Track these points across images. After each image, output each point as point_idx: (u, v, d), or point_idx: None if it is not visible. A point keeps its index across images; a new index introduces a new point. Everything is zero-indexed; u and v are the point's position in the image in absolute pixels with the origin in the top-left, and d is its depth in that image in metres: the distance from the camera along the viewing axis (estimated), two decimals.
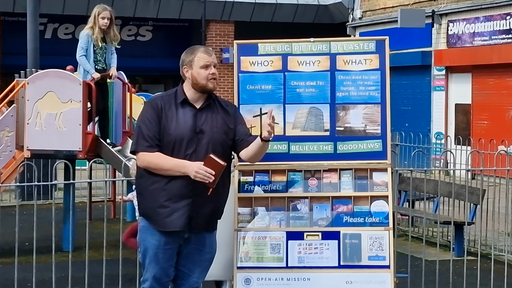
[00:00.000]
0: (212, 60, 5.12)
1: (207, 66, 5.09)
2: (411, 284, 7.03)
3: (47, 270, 7.17)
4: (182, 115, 5.06)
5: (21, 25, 16.60)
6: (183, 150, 4.99)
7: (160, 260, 5.10)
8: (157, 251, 5.09)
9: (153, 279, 5.15)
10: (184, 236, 5.10)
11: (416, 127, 20.01)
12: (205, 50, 5.15)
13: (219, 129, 5.09)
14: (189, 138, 5.01)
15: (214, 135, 5.05)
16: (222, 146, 5.09)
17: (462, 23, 20.38)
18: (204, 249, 5.18)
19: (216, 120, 5.11)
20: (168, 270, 5.15)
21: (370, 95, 5.99)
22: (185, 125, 5.03)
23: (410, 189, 8.76)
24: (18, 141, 9.82)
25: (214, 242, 5.27)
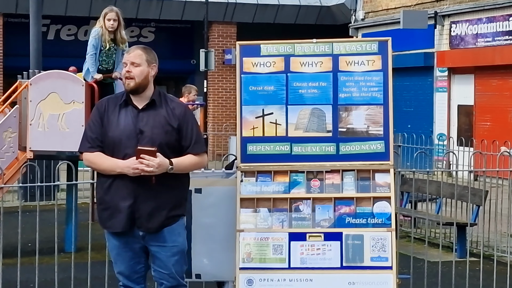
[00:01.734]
0: (128, 59, 5.13)
1: (125, 65, 5.15)
2: (413, 285, 7.02)
3: (50, 271, 7.18)
4: (124, 116, 5.12)
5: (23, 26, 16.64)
6: (122, 150, 5.05)
7: (125, 259, 5.19)
8: (118, 251, 5.19)
9: (123, 277, 5.24)
10: (139, 234, 5.12)
11: (419, 128, 20.01)
12: (128, 50, 5.24)
13: (160, 129, 5.09)
14: (129, 139, 5.05)
15: (154, 136, 5.06)
16: (162, 146, 5.05)
17: (464, 24, 20.37)
18: (167, 244, 5.15)
19: (158, 120, 5.11)
20: (135, 267, 5.21)
21: (372, 96, 5.99)
22: (125, 127, 5.09)
23: (413, 190, 8.76)
24: (21, 142, 9.83)
25: (178, 235, 5.18)
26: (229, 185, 5.96)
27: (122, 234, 5.14)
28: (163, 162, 4.97)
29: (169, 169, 4.99)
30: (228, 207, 5.88)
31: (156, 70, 5.23)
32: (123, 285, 5.27)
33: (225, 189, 5.95)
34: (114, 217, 5.10)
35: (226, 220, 5.87)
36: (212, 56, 24.54)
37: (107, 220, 5.14)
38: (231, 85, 26.18)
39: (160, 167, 4.96)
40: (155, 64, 5.20)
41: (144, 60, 5.13)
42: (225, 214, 5.89)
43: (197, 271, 5.93)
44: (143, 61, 5.13)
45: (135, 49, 5.19)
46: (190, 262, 5.88)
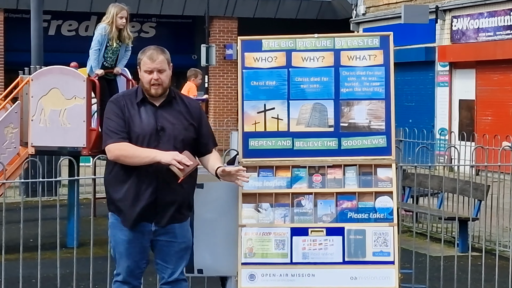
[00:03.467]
0: (155, 66, 5.10)
1: (150, 72, 5.11)
2: (416, 280, 7.03)
3: (52, 266, 7.18)
4: (144, 113, 5.14)
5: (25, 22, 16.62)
6: (145, 147, 5.06)
7: (131, 254, 5.19)
8: (127, 246, 5.18)
9: (126, 272, 5.23)
10: (151, 229, 5.15)
11: (420, 123, 20.00)
12: (150, 55, 5.13)
13: (180, 125, 5.13)
14: (151, 135, 5.09)
15: (175, 132, 5.10)
16: (183, 142, 5.11)
17: (466, 19, 20.36)
18: (176, 239, 5.20)
19: (177, 116, 5.15)
20: (139, 262, 5.23)
21: (374, 91, 5.98)
22: (148, 123, 5.11)
23: (415, 185, 8.76)
24: (22, 138, 9.83)
25: (187, 231, 5.27)
26: None
27: (138, 228, 5.14)
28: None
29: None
30: (230, 202, 5.88)
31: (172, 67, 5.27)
32: (122, 281, 5.25)
33: (227, 184, 5.93)
34: (132, 210, 5.10)
35: (228, 215, 5.87)
36: (213, 51, 24.54)
37: (124, 213, 5.13)
38: (232, 80, 26.19)
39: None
40: (171, 63, 5.24)
41: (166, 64, 5.17)
42: (227, 209, 5.89)
43: (199, 266, 5.92)
44: (166, 65, 5.16)
45: (158, 55, 5.13)
46: (192, 257, 5.88)
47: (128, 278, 5.25)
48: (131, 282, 5.26)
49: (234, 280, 5.87)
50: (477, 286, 7.33)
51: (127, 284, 5.25)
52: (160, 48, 5.23)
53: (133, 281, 5.27)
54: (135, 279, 5.27)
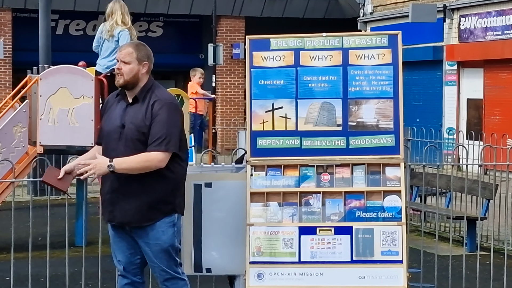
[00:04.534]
0: (119, 56, 5.22)
1: (117, 61, 5.24)
2: (424, 279, 7.02)
3: (60, 265, 7.20)
4: (117, 109, 5.26)
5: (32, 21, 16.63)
6: (108, 143, 5.22)
7: (120, 249, 5.33)
8: (114, 240, 5.37)
9: (121, 267, 5.35)
10: (126, 228, 5.25)
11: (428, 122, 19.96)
12: (122, 46, 5.37)
13: (133, 124, 5.14)
14: (115, 132, 5.18)
15: (127, 131, 5.13)
16: (134, 142, 5.12)
17: (474, 18, 20.31)
18: (149, 241, 5.21)
19: (137, 116, 5.16)
20: (131, 258, 5.31)
21: (382, 90, 5.97)
22: (114, 120, 5.22)
23: (423, 184, 8.75)
24: (31, 137, 9.85)
25: (162, 233, 5.19)
26: (239, 179, 5.96)
27: (114, 226, 5.30)
28: (99, 162, 5.07)
29: (108, 167, 5.05)
30: (238, 201, 5.89)
31: (149, 67, 5.23)
32: (121, 275, 5.37)
33: (235, 183, 5.96)
34: (103, 208, 5.34)
35: (236, 214, 5.87)
36: (220, 51, 24.53)
37: (102, 209, 5.38)
38: (239, 79, 26.19)
39: (97, 167, 5.05)
40: (146, 61, 5.22)
41: (134, 58, 5.18)
42: (235, 208, 5.89)
43: (207, 265, 5.94)
44: (133, 59, 5.18)
45: (126, 47, 5.26)
46: (201, 256, 5.89)
47: (125, 273, 5.34)
48: (129, 277, 5.34)
49: (242, 279, 5.87)
50: (486, 285, 7.31)
51: (126, 278, 5.35)
52: (136, 43, 5.39)
53: (131, 277, 5.33)
54: (132, 275, 5.33)
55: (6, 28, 25.09)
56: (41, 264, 7.13)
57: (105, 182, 5.26)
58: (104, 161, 5.05)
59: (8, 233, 6.76)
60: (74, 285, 7.26)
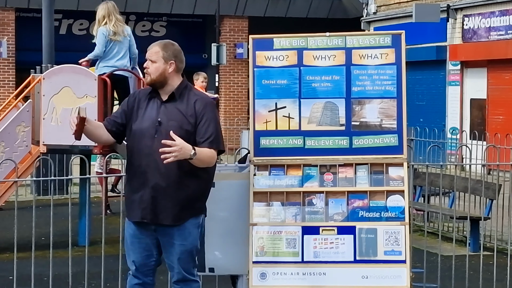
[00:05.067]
0: (147, 55, 5.24)
1: (146, 59, 5.25)
2: (427, 279, 7.01)
3: (64, 265, 7.20)
4: (150, 107, 5.23)
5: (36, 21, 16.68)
6: (142, 140, 5.15)
7: (136, 249, 5.26)
8: (132, 240, 5.27)
9: (133, 267, 5.30)
10: (151, 228, 5.19)
11: (431, 122, 19.95)
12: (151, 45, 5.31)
13: (175, 122, 5.13)
14: (149, 129, 5.15)
15: (169, 128, 5.09)
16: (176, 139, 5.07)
17: (477, 18, 20.29)
18: (175, 241, 5.20)
19: (176, 113, 5.16)
20: (146, 259, 5.27)
21: (386, 90, 5.97)
22: (148, 117, 5.20)
23: (426, 184, 8.74)
24: (34, 136, 9.86)
25: (188, 234, 5.19)
26: (242, 179, 5.96)
27: (137, 224, 5.22)
28: (184, 146, 4.95)
29: (192, 154, 4.97)
30: (241, 201, 5.89)
31: (176, 65, 5.24)
32: (133, 275, 5.32)
33: (238, 183, 5.95)
34: (132, 206, 5.21)
35: (239, 214, 5.87)
36: (223, 50, 24.53)
37: (128, 208, 5.27)
38: (242, 79, 26.18)
39: (182, 150, 4.94)
40: (173, 60, 5.22)
41: (160, 57, 5.19)
42: (238, 208, 5.89)
43: (210, 265, 5.93)
44: (159, 58, 5.19)
45: (153, 46, 5.27)
46: (204, 256, 5.89)
47: (137, 273, 5.30)
48: (140, 278, 5.30)
49: (245, 279, 5.87)
50: (489, 285, 7.30)
51: (137, 278, 5.31)
52: (164, 42, 5.32)
53: (143, 277, 5.29)
54: (144, 276, 5.30)
55: (9, 28, 25.11)
56: (44, 264, 7.13)
57: (134, 180, 5.17)
58: (188, 147, 4.97)
59: (11, 233, 6.77)
60: (77, 285, 7.26)
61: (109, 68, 9.86)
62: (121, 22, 10.02)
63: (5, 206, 11.04)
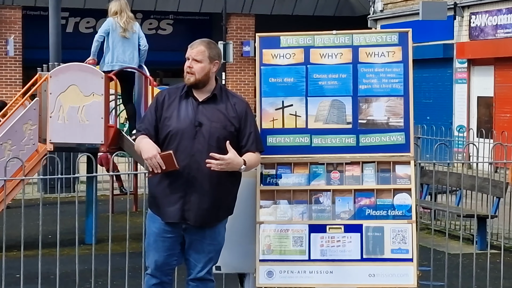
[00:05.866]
0: (190, 54, 5.16)
1: (187, 59, 5.18)
2: (434, 277, 7.00)
3: (70, 263, 7.21)
4: (184, 107, 5.16)
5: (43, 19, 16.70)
6: (179, 141, 5.08)
7: (160, 248, 5.21)
8: (156, 238, 5.21)
9: (154, 266, 5.24)
10: (182, 226, 5.17)
11: (438, 120, 19.92)
12: (191, 44, 5.23)
13: (218, 123, 5.12)
14: (188, 130, 5.09)
15: (212, 129, 5.08)
16: (218, 140, 5.10)
17: (484, 15, 20.25)
18: (205, 240, 5.21)
19: (217, 114, 5.14)
20: (169, 259, 5.23)
21: (393, 88, 5.95)
22: (185, 118, 5.13)
23: (433, 182, 8.73)
24: (41, 134, 9.87)
25: (218, 234, 5.26)
26: (249, 177, 5.95)
27: (169, 223, 5.17)
28: (234, 160, 5.00)
29: (242, 169, 5.06)
30: (248, 199, 5.88)
31: (219, 66, 5.24)
32: (151, 274, 5.27)
33: (245, 181, 5.93)
34: (169, 206, 5.13)
35: (246, 212, 5.86)
36: (230, 48, 24.54)
37: (161, 207, 5.17)
38: (249, 77, 26.18)
39: (230, 165, 5.00)
40: (217, 60, 5.22)
41: (206, 57, 5.17)
42: (245, 206, 5.88)
43: (217, 263, 5.92)
44: (205, 58, 5.16)
45: (199, 45, 5.20)
46: None
47: (156, 272, 5.25)
48: (159, 277, 5.26)
49: (252, 277, 5.87)
50: (496, 283, 7.29)
51: (155, 278, 5.26)
52: (207, 41, 5.26)
53: (162, 276, 5.26)
54: (163, 275, 5.26)
55: (16, 26, 25.16)
56: (51, 262, 7.14)
57: (171, 180, 5.09)
58: (239, 161, 5.04)
59: (18, 231, 6.77)
60: (84, 282, 7.27)
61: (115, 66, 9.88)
62: (132, 19, 10.08)
63: (12, 204, 11.06)
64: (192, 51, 5.16)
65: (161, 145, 5.12)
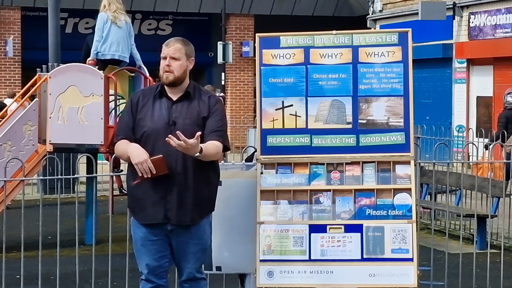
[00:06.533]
0: (168, 52, 5.14)
1: (164, 58, 5.15)
2: (434, 277, 7.00)
3: (70, 263, 7.21)
4: (158, 107, 5.16)
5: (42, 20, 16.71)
6: (154, 141, 5.06)
7: (150, 252, 5.19)
8: (144, 242, 5.20)
9: (147, 271, 5.22)
10: (167, 228, 5.15)
11: (437, 120, 19.92)
12: (167, 42, 5.21)
13: (192, 120, 5.11)
14: (163, 130, 5.07)
15: (185, 127, 5.06)
16: (193, 137, 5.01)
17: (483, 15, 20.25)
18: (192, 240, 5.19)
19: (191, 112, 5.14)
20: (160, 261, 5.22)
21: (392, 88, 5.96)
22: (159, 118, 5.13)
23: (433, 182, 8.73)
24: (41, 135, 9.87)
25: (203, 233, 5.24)
26: (249, 177, 5.96)
27: (150, 226, 5.16)
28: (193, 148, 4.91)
29: (196, 156, 4.97)
30: (248, 199, 5.88)
31: (193, 63, 5.24)
32: (145, 279, 5.26)
33: (245, 181, 5.95)
34: (146, 208, 5.13)
35: (246, 212, 5.87)
36: (229, 49, 24.53)
37: (139, 211, 5.16)
38: (248, 77, 26.18)
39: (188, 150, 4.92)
40: (192, 57, 5.23)
41: (183, 54, 5.17)
42: (245, 206, 5.89)
43: (217, 264, 5.93)
44: (182, 55, 5.16)
45: (175, 43, 5.19)
46: (211, 255, 5.89)
47: (150, 276, 5.23)
48: (154, 281, 5.23)
49: (253, 277, 5.87)
50: (496, 283, 7.29)
51: (150, 282, 5.24)
52: (182, 39, 5.26)
53: (156, 280, 5.23)
54: (158, 278, 5.24)
55: (15, 27, 25.14)
56: (51, 263, 7.14)
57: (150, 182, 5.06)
58: (196, 150, 4.94)
59: (18, 232, 6.77)
60: (84, 283, 7.27)
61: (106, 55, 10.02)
62: (122, 10, 10.16)
63: (12, 205, 11.06)
64: (169, 49, 5.15)
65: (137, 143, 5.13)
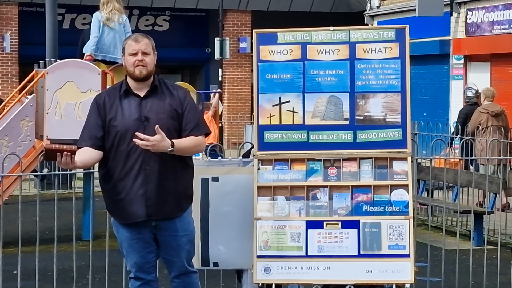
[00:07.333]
0: (139, 48, 5.12)
1: (135, 54, 5.12)
2: (431, 273, 7.01)
3: (68, 259, 7.21)
4: (127, 105, 5.12)
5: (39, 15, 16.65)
6: (129, 140, 5.02)
7: (136, 249, 5.20)
8: (130, 242, 5.20)
9: (136, 268, 5.23)
10: (152, 224, 5.15)
11: (434, 116, 19.92)
12: (134, 38, 5.19)
13: (165, 114, 5.10)
14: (135, 127, 5.04)
15: (159, 121, 5.04)
16: (169, 131, 5.05)
17: (481, 12, 20.25)
18: (178, 233, 5.19)
19: (163, 105, 5.12)
20: (147, 256, 5.23)
21: (390, 84, 5.97)
22: (130, 115, 5.10)
23: (430, 178, 8.74)
24: (38, 131, 9.86)
25: (188, 224, 5.24)
26: (246, 173, 5.97)
27: (134, 225, 5.15)
28: (161, 143, 4.91)
29: (170, 150, 4.97)
30: (245, 195, 5.89)
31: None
32: (134, 277, 5.27)
33: (242, 177, 5.96)
34: (125, 207, 5.11)
35: (243, 208, 5.88)
36: (227, 45, 24.51)
37: (119, 211, 5.16)
38: (246, 73, 26.17)
39: (155, 147, 4.92)
40: (156, 52, 5.26)
41: (151, 49, 5.19)
42: (242, 202, 5.90)
43: (214, 259, 5.94)
44: (151, 50, 5.19)
45: (143, 38, 5.19)
46: (208, 250, 5.90)
47: (139, 273, 5.24)
48: (143, 278, 5.25)
49: (250, 273, 5.88)
50: (493, 279, 7.31)
51: (139, 280, 5.25)
52: (146, 35, 5.28)
53: (145, 276, 5.25)
54: (146, 274, 5.25)
55: (12, 22, 25.11)
56: (48, 258, 7.14)
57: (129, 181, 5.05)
58: (166, 144, 4.92)
59: (15, 227, 6.77)
60: (82, 279, 7.28)
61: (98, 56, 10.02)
62: (119, 10, 10.11)
63: (9, 201, 11.05)
64: (139, 44, 5.13)
65: (111, 147, 5.09)
